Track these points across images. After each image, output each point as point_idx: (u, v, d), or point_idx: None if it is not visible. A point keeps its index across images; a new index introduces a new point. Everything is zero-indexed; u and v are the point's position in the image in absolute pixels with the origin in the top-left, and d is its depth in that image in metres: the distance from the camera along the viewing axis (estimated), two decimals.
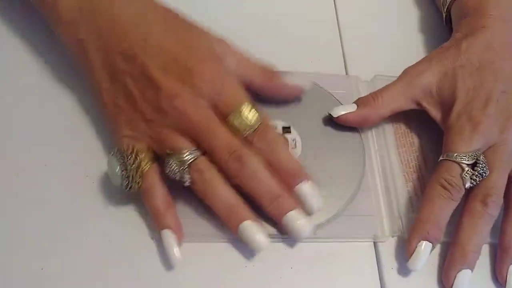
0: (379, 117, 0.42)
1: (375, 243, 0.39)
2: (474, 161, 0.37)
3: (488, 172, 0.37)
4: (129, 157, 0.35)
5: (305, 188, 0.36)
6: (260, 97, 0.40)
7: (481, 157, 0.37)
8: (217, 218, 0.36)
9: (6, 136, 0.39)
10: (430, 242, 0.36)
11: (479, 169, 0.36)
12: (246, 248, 0.36)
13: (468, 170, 0.37)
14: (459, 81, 0.40)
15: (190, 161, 0.34)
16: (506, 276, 0.37)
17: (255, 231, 0.34)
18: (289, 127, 0.42)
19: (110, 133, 0.38)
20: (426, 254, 0.36)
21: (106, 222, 0.36)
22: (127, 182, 0.35)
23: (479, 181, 0.37)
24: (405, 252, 0.37)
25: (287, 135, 0.41)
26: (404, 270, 0.37)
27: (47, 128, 0.40)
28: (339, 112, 0.41)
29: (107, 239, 0.36)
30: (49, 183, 0.37)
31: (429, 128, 0.42)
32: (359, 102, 0.41)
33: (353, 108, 0.41)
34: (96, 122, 0.41)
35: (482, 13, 0.43)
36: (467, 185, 0.37)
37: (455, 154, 0.37)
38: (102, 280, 0.34)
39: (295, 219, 0.35)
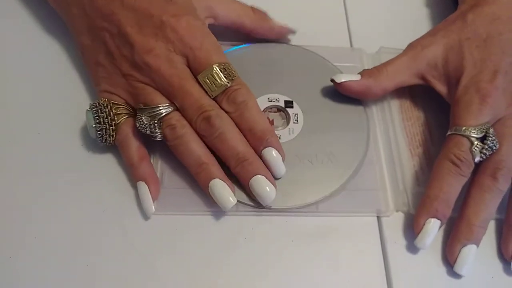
0: (383, 90, 0.40)
1: (378, 218, 0.38)
2: (483, 134, 0.36)
3: (498, 145, 0.36)
4: (104, 111, 0.36)
5: (268, 154, 0.36)
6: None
7: (491, 130, 0.36)
8: None
9: None
10: (439, 219, 0.35)
11: (489, 142, 0.35)
12: (246, 220, 0.36)
13: (477, 144, 0.35)
14: (466, 53, 0.39)
15: (162, 115, 0.35)
16: None
17: (223, 189, 0.35)
18: (291, 102, 0.41)
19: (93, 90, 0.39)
20: (434, 231, 0.35)
21: (101, 191, 0.36)
22: (101, 134, 0.36)
23: (489, 154, 0.36)
24: (412, 229, 0.36)
25: (289, 110, 0.41)
26: (407, 244, 0.37)
27: (41, 96, 0.40)
28: (342, 78, 0.40)
29: (102, 209, 0.36)
30: (43, 152, 0.38)
31: (435, 102, 0.42)
32: (364, 73, 0.41)
33: (357, 77, 0.40)
34: (92, 89, 0.40)
35: None
36: (477, 159, 0.36)
37: (463, 128, 0.36)
38: (96, 255, 0.34)
39: (260, 184, 0.35)
